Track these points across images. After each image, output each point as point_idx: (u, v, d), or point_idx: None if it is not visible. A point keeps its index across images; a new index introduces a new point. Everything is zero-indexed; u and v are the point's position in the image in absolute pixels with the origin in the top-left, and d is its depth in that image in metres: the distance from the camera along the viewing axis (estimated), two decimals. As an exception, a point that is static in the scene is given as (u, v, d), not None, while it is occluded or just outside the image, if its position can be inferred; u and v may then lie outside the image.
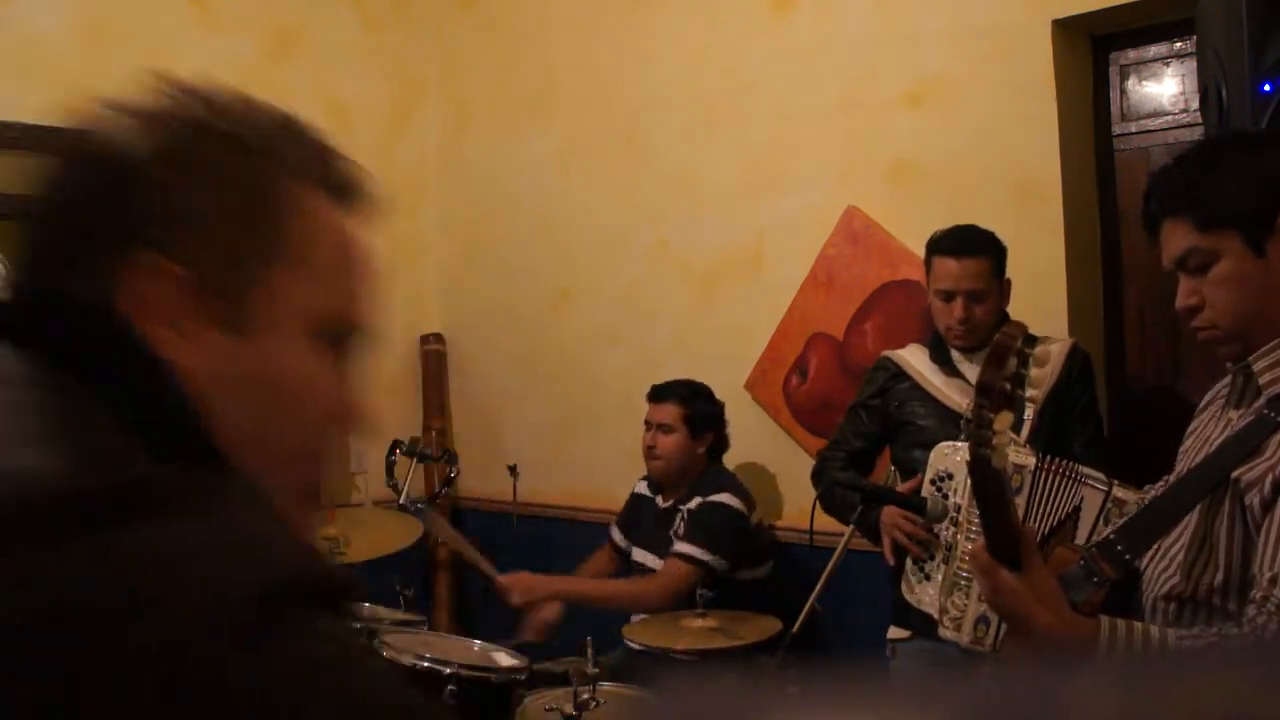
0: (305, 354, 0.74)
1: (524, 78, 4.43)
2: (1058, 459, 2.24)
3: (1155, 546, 1.50)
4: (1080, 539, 2.19)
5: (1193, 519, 1.45)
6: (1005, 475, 1.26)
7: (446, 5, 4.76)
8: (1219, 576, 1.39)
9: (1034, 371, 2.55)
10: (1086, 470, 2.21)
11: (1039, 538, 2.19)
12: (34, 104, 3.78)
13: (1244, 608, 1.34)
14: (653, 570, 3.22)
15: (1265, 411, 1.40)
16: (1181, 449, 1.61)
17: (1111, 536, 1.49)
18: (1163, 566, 1.48)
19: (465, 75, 4.69)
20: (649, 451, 3.33)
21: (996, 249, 2.63)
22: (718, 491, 3.24)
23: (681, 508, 3.29)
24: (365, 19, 4.63)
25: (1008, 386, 1.21)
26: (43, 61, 3.82)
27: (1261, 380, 1.43)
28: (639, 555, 3.40)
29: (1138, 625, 1.33)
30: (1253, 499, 1.35)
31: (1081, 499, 2.21)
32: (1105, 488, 2.19)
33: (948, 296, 2.61)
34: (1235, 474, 1.39)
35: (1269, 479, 1.34)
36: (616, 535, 3.60)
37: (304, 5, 4.44)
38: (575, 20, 4.22)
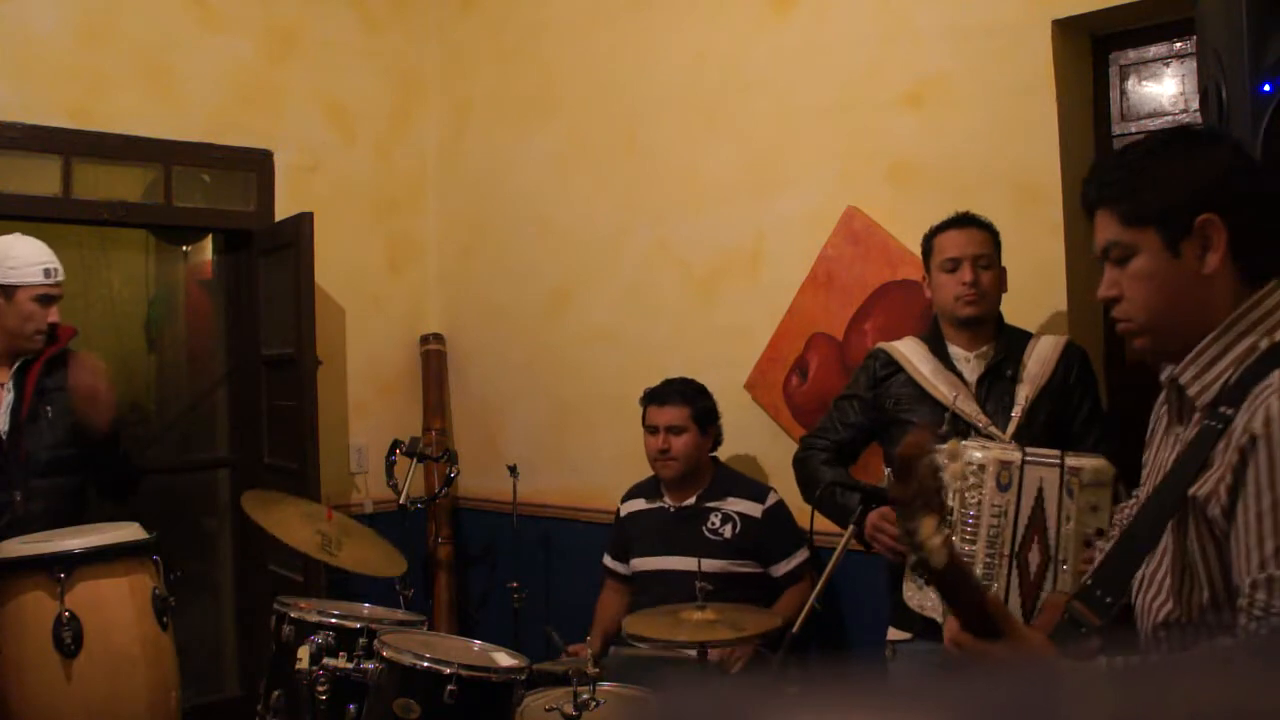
0: None
1: (524, 78, 4.43)
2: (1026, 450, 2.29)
3: (1140, 576, 1.49)
4: (1050, 518, 2.22)
5: (1169, 543, 1.44)
6: (956, 568, 1.26)
7: (446, 5, 4.76)
8: (1205, 595, 1.38)
9: (1027, 368, 2.58)
10: (1034, 451, 2.28)
11: (1021, 540, 2.22)
12: (34, 104, 3.79)
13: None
14: (681, 573, 3.11)
15: (1206, 421, 1.39)
16: (1142, 478, 1.61)
17: (1089, 582, 1.49)
18: (1154, 594, 1.46)
19: (465, 75, 4.69)
20: (661, 455, 3.31)
21: (994, 230, 2.68)
22: (752, 490, 3.31)
23: (713, 506, 3.27)
24: (365, 19, 4.63)
25: (931, 489, 1.21)
26: (43, 61, 3.82)
27: (1191, 392, 1.44)
28: (657, 563, 3.32)
29: (1134, 659, 1.33)
30: (1214, 510, 1.35)
31: (1041, 479, 2.25)
32: (1057, 461, 2.24)
33: (954, 265, 2.62)
34: (1191, 491, 1.38)
35: (1222, 487, 1.34)
36: (616, 565, 3.51)
37: (304, 5, 4.44)
38: (575, 20, 4.22)
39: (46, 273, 3.04)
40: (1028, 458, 2.26)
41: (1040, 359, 2.61)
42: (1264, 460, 1.30)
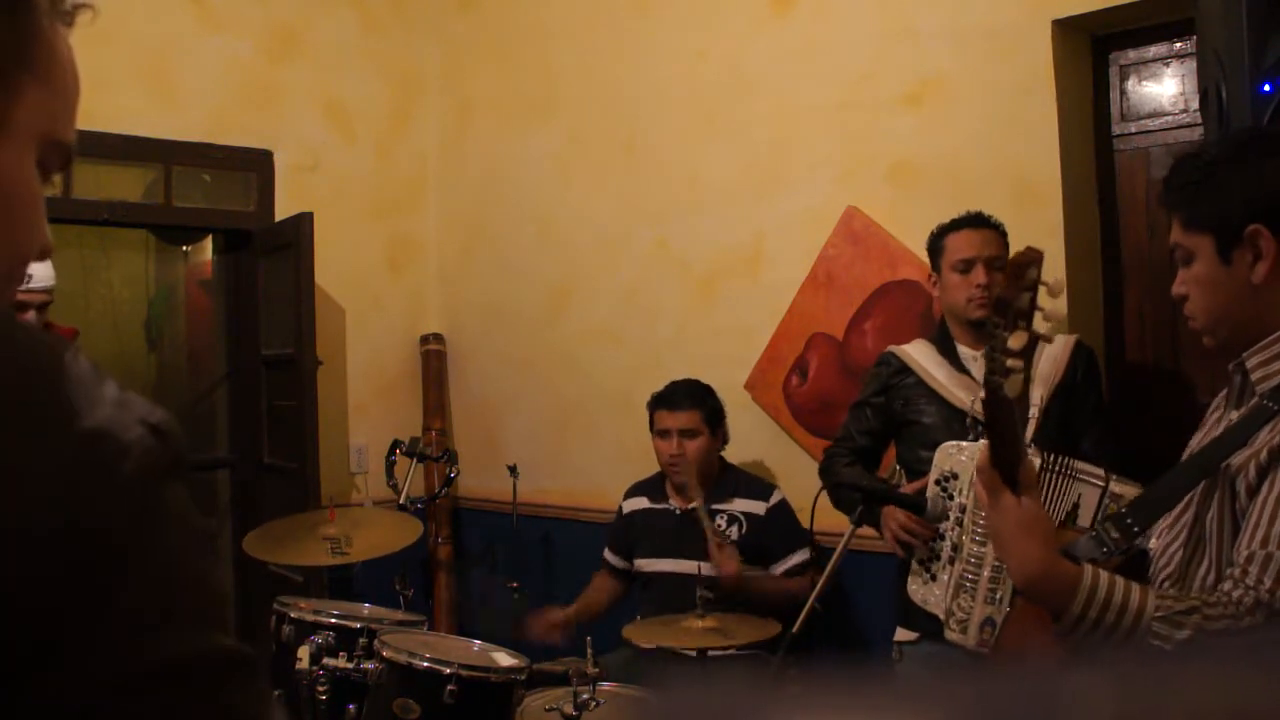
0: (32, 171, 0.73)
1: (524, 77, 4.43)
2: (1059, 458, 2.25)
3: (1163, 550, 1.51)
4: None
5: (1189, 515, 1.48)
6: (1012, 404, 1.30)
7: (446, 5, 4.76)
8: (1204, 568, 1.43)
9: (1039, 367, 2.56)
10: (1083, 466, 2.25)
11: None
12: (34, 104, 3.79)
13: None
14: (686, 576, 3.06)
15: (1264, 402, 1.43)
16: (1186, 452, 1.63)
17: (1122, 510, 1.54)
18: (1163, 563, 1.50)
19: (465, 75, 4.70)
20: (675, 459, 3.27)
21: (1004, 230, 2.68)
22: (757, 490, 3.31)
23: (720, 508, 3.25)
24: (365, 19, 4.63)
25: (1026, 300, 1.22)
26: (43, 61, 3.82)
27: (1255, 377, 1.47)
28: (663, 565, 3.30)
29: (1119, 579, 1.37)
30: (1240, 485, 1.39)
31: (1079, 495, 2.23)
32: (1102, 483, 2.21)
33: (967, 266, 2.61)
34: (1227, 462, 1.42)
35: (1253, 464, 1.38)
36: (614, 559, 3.50)
37: (304, 5, 4.44)
38: (575, 20, 4.22)
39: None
40: (1077, 473, 2.25)
41: (1052, 358, 2.60)
42: None
